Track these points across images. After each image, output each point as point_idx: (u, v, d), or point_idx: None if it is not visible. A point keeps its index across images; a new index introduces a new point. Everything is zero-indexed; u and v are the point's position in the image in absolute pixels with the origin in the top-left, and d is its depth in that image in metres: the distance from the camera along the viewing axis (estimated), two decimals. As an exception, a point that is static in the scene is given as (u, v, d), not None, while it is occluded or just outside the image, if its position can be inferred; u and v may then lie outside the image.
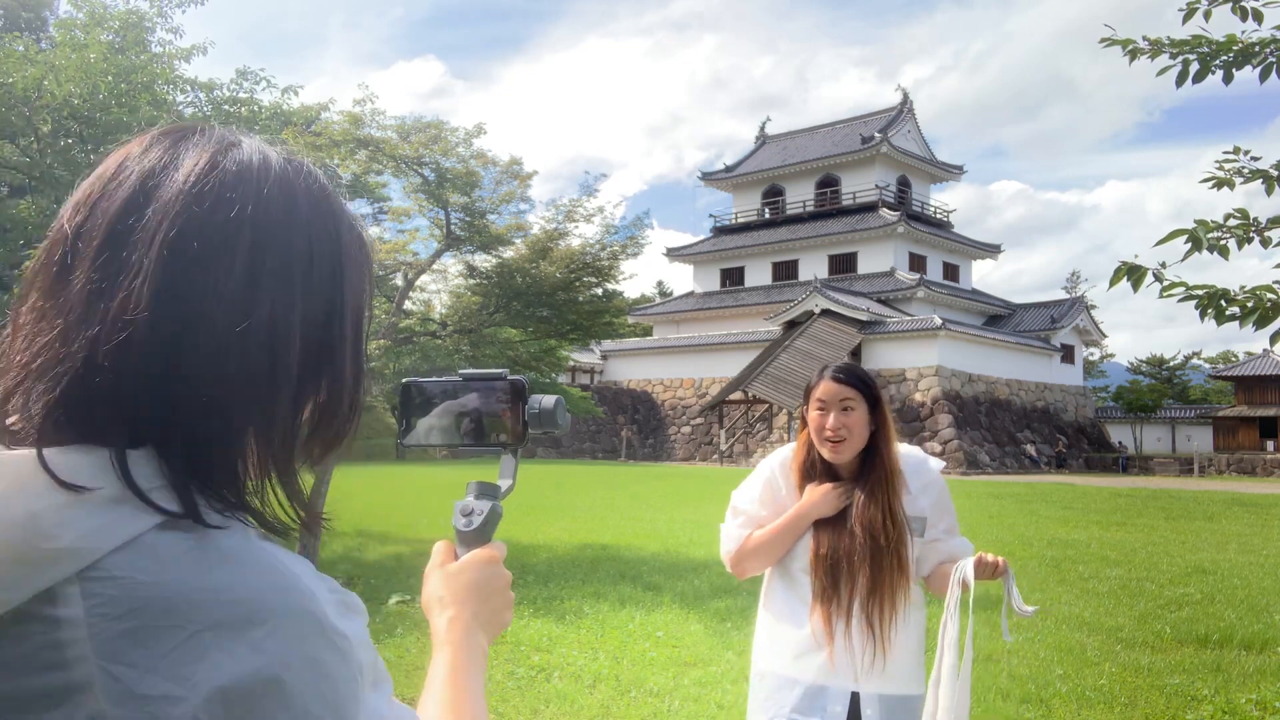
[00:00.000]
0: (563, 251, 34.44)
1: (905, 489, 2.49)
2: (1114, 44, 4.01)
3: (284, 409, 0.68)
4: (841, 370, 2.53)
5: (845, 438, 2.46)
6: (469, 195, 30.37)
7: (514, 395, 0.97)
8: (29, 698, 0.56)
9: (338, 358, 0.72)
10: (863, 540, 2.40)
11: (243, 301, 0.64)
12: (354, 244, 0.74)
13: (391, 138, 30.57)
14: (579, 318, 33.47)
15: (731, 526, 2.62)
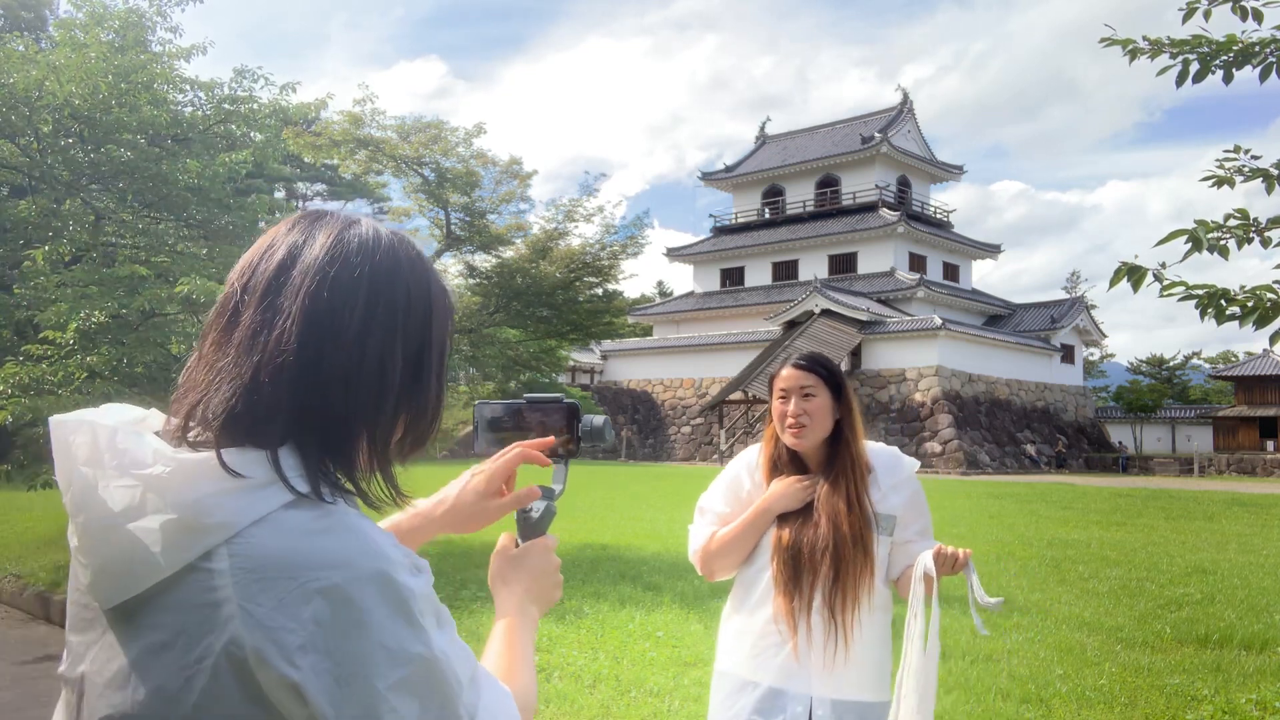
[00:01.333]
0: (563, 251, 34.42)
1: (875, 485, 2.44)
2: (1114, 44, 4.01)
3: (387, 417, 0.92)
4: (803, 357, 2.50)
5: (806, 424, 2.41)
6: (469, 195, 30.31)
7: (569, 415, 1.22)
8: (196, 623, 0.80)
9: (426, 379, 0.95)
10: (826, 530, 2.34)
11: (361, 337, 0.88)
12: (440, 294, 0.98)
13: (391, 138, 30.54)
14: (579, 317, 33.49)
15: (697, 526, 2.57)
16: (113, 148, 9.55)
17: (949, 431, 37.78)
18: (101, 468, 0.83)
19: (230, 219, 10.28)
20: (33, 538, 11.14)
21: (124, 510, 0.81)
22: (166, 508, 0.80)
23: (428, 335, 0.95)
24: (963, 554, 2.24)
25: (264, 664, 0.77)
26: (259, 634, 0.78)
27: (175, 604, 0.80)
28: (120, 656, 0.83)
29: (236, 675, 0.78)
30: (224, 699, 0.79)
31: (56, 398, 8.16)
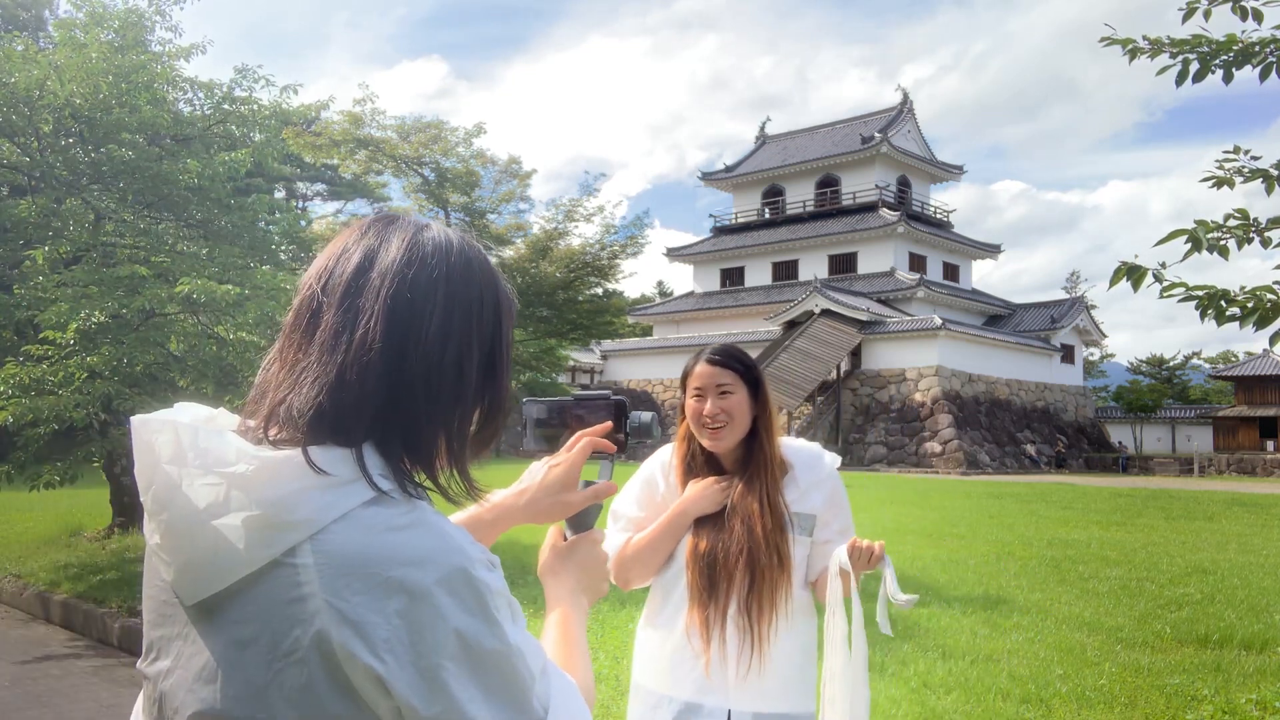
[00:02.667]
0: (563, 251, 34.48)
1: (793, 483, 2.33)
2: (1114, 43, 4.01)
3: (465, 414, 0.95)
4: (718, 352, 2.35)
5: (725, 424, 2.28)
6: (469, 195, 30.33)
7: (617, 411, 1.23)
8: (282, 617, 0.82)
9: (499, 375, 0.99)
10: (740, 534, 2.23)
11: (441, 337, 0.91)
12: (506, 295, 1.01)
13: (391, 138, 30.57)
14: (579, 317, 33.55)
15: (611, 533, 2.40)
16: (113, 147, 9.54)
17: (949, 431, 37.78)
18: (185, 466, 0.85)
19: (230, 219, 10.27)
20: (33, 538, 11.14)
21: (208, 507, 0.83)
22: (251, 504, 0.82)
23: (499, 333, 0.98)
24: (878, 546, 2.18)
25: (351, 657, 0.80)
26: (345, 628, 0.80)
27: (260, 599, 0.83)
28: (205, 652, 0.85)
29: (325, 668, 0.81)
30: (313, 692, 0.82)
31: (56, 398, 8.16)
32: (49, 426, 8.33)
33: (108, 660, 6.77)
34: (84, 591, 8.07)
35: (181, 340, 8.85)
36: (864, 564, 2.16)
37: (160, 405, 5.94)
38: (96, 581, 8.33)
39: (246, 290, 8.86)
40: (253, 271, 9.51)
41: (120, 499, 10.98)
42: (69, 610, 7.84)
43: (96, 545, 10.15)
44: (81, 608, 7.71)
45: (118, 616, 7.30)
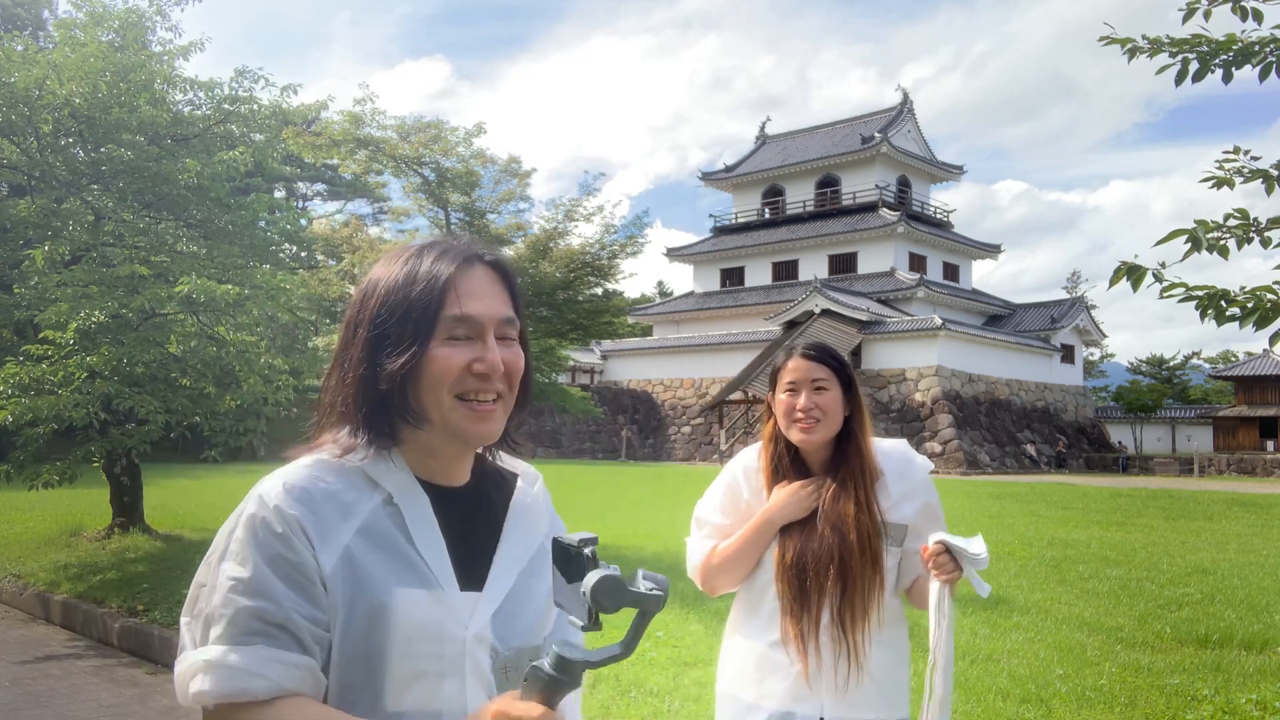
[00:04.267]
0: (563, 251, 34.46)
1: (884, 491, 2.24)
2: (1113, 43, 4.01)
3: (342, 386, 1.28)
4: (812, 347, 2.30)
5: (818, 419, 2.23)
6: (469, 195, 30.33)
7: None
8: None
9: (370, 348, 1.27)
10: (831, 540, 2.16)
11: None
12: (390, 281, 1.29)
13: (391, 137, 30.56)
14: (579, 317, 33.51)
15: (695, 540, 2.38)
16: (112, 147, 9.54)
17: (949, 431, 37.78)
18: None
19: (230, 219, 10.26)
20: (33, 538, 11.14)
21: None
22: None
23: (366, 314, 1.26)
24: (936, 544, 2.10)
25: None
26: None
27: None
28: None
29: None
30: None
31: (56, 398, 8.16)
32: (48, 426, 8.34)
33: (108, 660, 6.77)
34: (84, 591, 8.07)
35: (181, 340, 8.85)
36: (948, 569, 2.08)
37: (160, 405, 6.01)
38: (96, 581, 8.33)
39: (246, 290, 8.87)
40: (252, 271, 9.51)
41: (120, 499, 10.98)
42: (69, 610, 7.84)
43: (96, 545, 10.15)
44: (81, 608, 7.71)
45: (118, 616, 7.30)
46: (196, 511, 13.50)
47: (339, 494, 1.21)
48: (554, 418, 45.88)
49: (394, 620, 1.16)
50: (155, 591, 7.65)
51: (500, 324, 1.26)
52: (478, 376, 1.22)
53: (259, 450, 9.47)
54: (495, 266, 1.31)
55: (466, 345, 1.23)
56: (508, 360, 1.25)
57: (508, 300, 1.29)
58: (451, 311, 1.23)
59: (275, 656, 1.11)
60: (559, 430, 46.64)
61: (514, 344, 1.28)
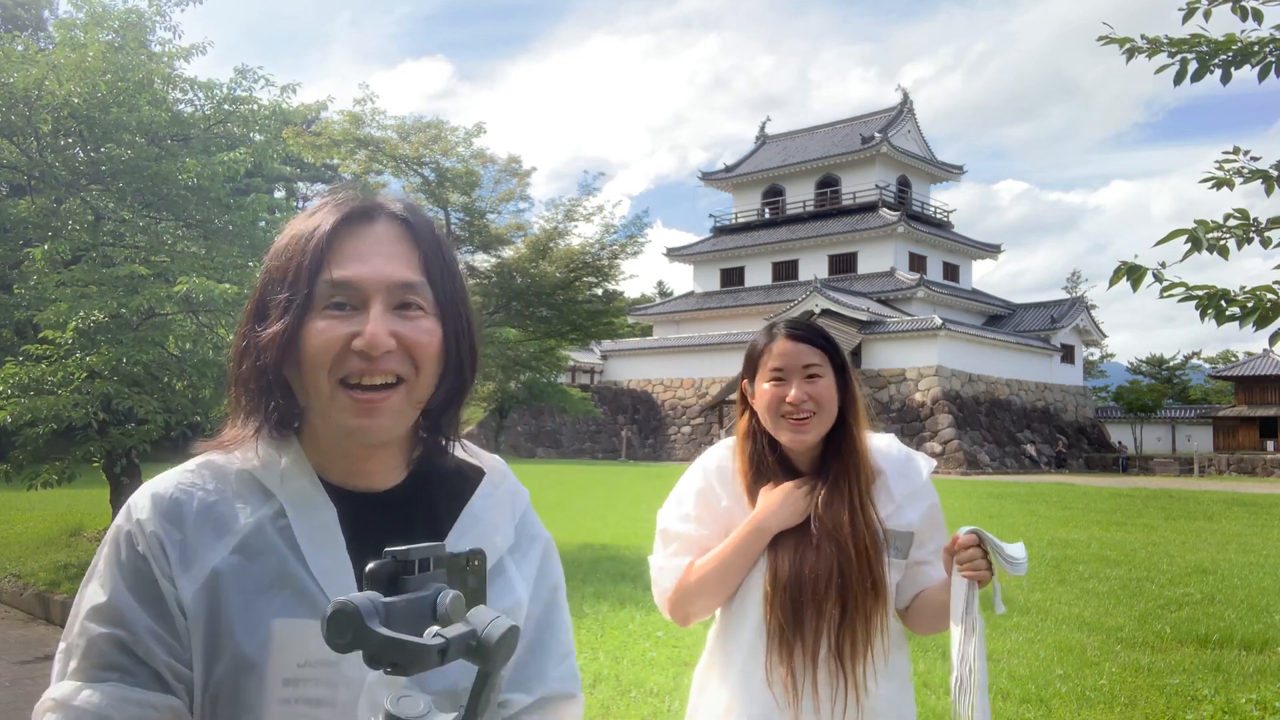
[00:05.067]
0: (563, 251, 34.47)
1: (885, 493, 1.91)
2: (1112, 42, 4.00)
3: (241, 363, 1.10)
4: (799, 326, 1.94)
5: (814, 412, 1.87)
6: (469, 195, 30.33)
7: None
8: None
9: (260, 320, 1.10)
10: (828, 552, 1.81)
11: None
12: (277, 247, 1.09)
13: (391, 138, 30.56)
14: (579, 318, 33.51)
15: (663, 558, 1.96)
16: (112, 147, 9.55)
17: (949, 431, 37.78)
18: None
19: (230, 219, 10.27)
20: (33, 538, 11.14)
21: None
22: None
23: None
24: (966, 535, 1.74)
25: None
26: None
27: None
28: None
29: None
30: None
31: (55, 397, 8.16)
32: (48, 426, 8.33)
33: (107, 660, 6.77)
34: (84, 591, 8.07)
35: (180, 340, 8.85)
36: (976, 565, 1.73)
37: (159, 405, 6.00)
38: (96, 581, 8.33)
39: (246, 290, 8.87)
40: (252, 271, 9.51)
41: (120, 499, 10.97)
42: (69, 610, 7.83)
43: (96, 545, 10.14)
44: (81, 608, 7.71)
45: (117, 616, 7.30)
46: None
47: (216, 505, 1.02)
48: (554, 418, 45.90)
49: (270, 659, 0.96)
50: (155, 591, 7.64)
51: (394, 289, 1.02)
52: (359, 355, 0.99)
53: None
54: (399, 220, 1.07)
55: (347, 317, 1.01)
56: (403, 334, 1.01)
57: (413, 261, 1.05)
58: (325, 275, 1.02)
59: (129, 696, 0.94)
60: (559, 430, 46.66)
61: (421, 315, 1.04)
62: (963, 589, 1.73)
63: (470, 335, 1.10)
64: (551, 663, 1.14)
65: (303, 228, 1.06)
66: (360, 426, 1.01)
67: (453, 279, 1.09)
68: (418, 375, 1.03)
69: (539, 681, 1.12)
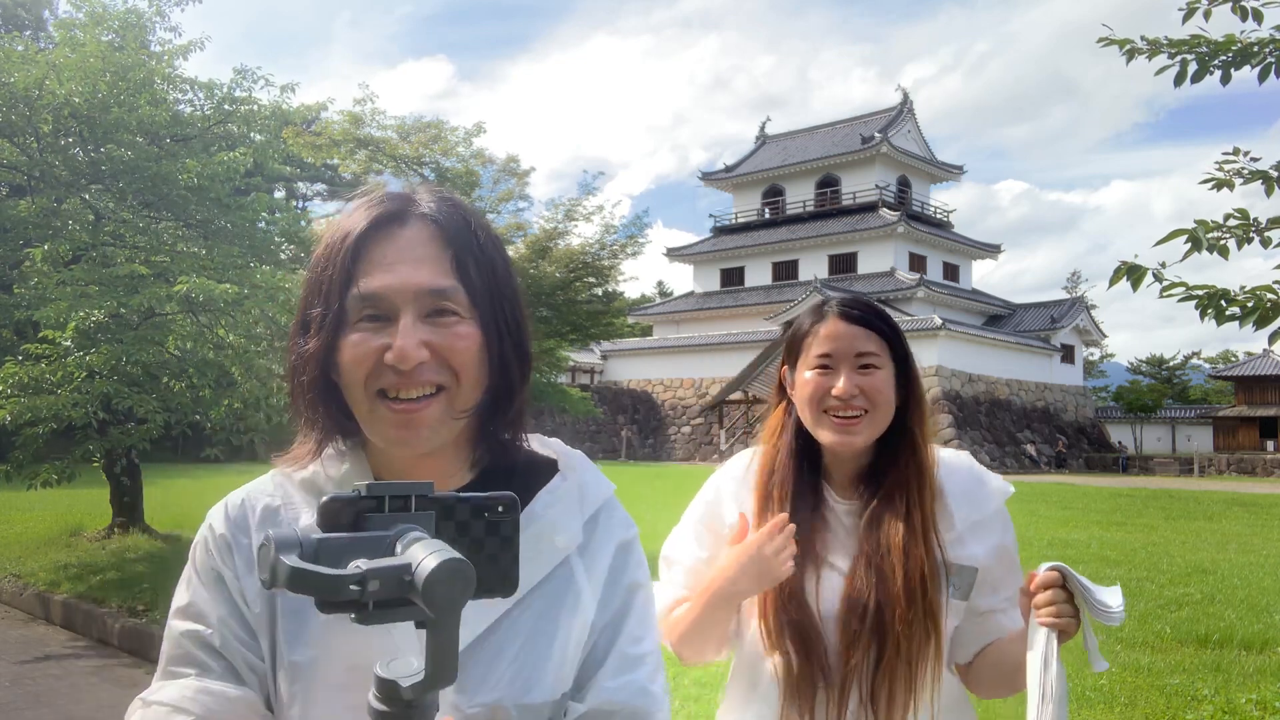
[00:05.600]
0: (562, 251, 34.41)
1: (946, 518, 1.55)
2: (1111, 44, 4.00)
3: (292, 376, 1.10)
4: (854, 305, 1.59)
5: (865, 410, 1.52)
6: (469, 194, 30.33)
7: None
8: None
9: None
10: (865, 581, 1.48)
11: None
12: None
13: (391, 138, 30.57)
14: (579, 318, 33.43)
15: (662, 581, 1.67)
16: (112, 147, 9.55)
17: (949, 431, 37.78)
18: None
19: (230, 219, 10.27)
20: (33, 538, 11.14)
21: None
22: None
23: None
24: (1048, 573, 1.38)
25: None
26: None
27: None
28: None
29: None
30: None
31: (55, 397, 8.16)
32: (47, 426, 8.34)
33: (108, 660, 6.77)
34: (84, 591, 8.07)
35: (180, 339, 8.85)
36: (1056, 611, 1.36)
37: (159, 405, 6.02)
38: (96, 581, 8.33)
39: (245, 290, 8.86)
40: (252, 271, 9.51)
41: (120, 499, 10.97)
42: (69, 610, 7.84)
43: (96, 545, 10.14)
44: (81, 608, 7.71)
45: (118, 617, 7.30)
46: (197, 511, 13.45)
47: (278, 511, 1.05)
48: (554, 418, 45.91)
49: (319, 664, 0.97)
50: (155, 591, 7.64)
51: (423, 297, 0.98)
52: (393, 368, 0.96)
53: (259, 450, 9.47)
54: (430, 220, 1.02)
55: (380, 329, 0.98)
56: (436, 344, 0.97)
57: (444, 264, 1.00)
58: (355, 289, 0.99)
59: (206, 688, 0.97)
60: (559, 430, 46.62)
61: (455, 320, 0.99)
62: (1041, 640, 1.38)
63: (518, 332, 1.05)
64: (609, 672, 1.04)
65: (335, 236, 1.03)
66: (400, 438, 0.99)
67: (492, 275, 1.05)
68: (459, 383, 0.99)
69: (593, 690, 1.03)
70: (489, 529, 0.74)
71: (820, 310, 1.61)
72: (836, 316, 1.58)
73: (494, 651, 1.00)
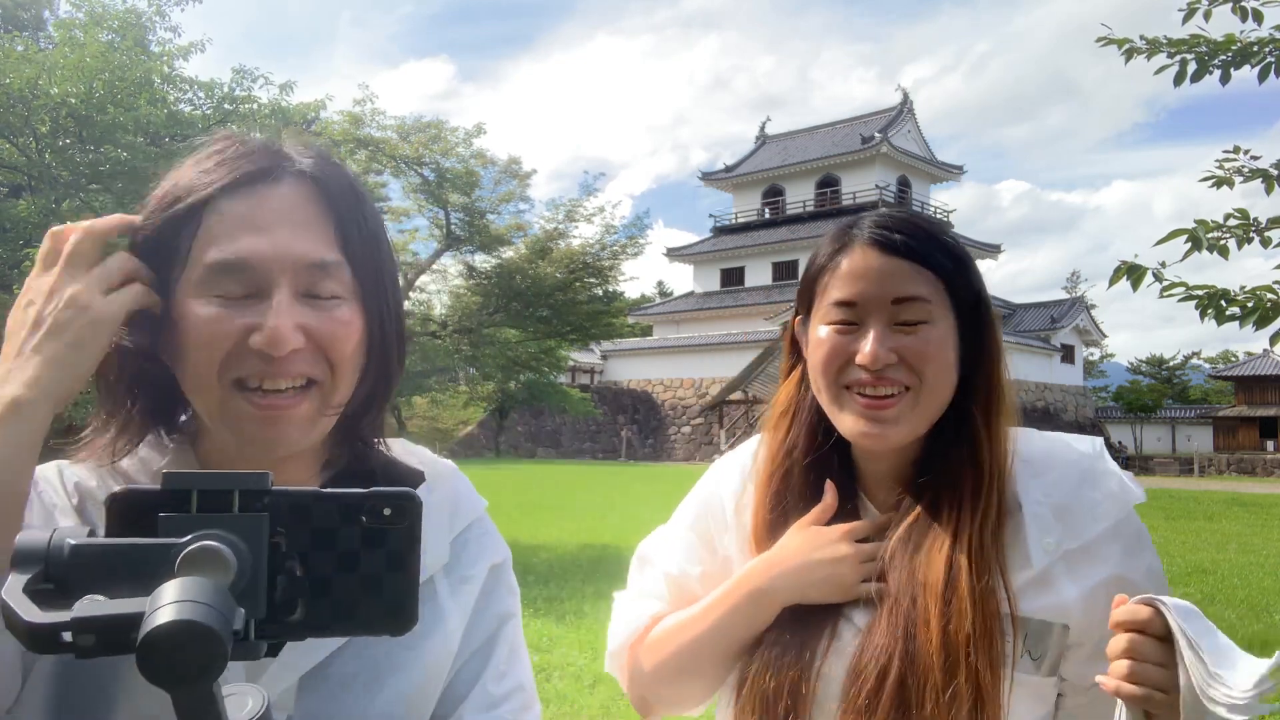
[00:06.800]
0: (563, 251, 34.53)
1: (1019, 547, 1.04)
2: (1111, 43, 4.01)
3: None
4: (896, 225, 1.07)
5: (906, 386, 1.05)
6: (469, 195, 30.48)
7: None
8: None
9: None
10: (888, 636, 1.01)
11: None
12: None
13: (391, 138, 30.67)
14: (579, 318, 33.52)
15: (626, 601, 1.24)
16: (110, 148, 9.56)
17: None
18: None
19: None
20: (32, 538, 11.14)
21: None
22: None
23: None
24: (1134, 606, 0.91)
25: None
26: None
27: None
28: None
29: None
30: None
31: (56, 398, 8.16)
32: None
33: (107, 660, 6.76)
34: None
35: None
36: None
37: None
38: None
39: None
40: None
41: (120, 499, 10.99)
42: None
43: (96, 545, 10.15)
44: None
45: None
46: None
47: (53, 510, 0.85)
48: (553, 418, 45.91)
49: (118, 704, 0.76)
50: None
51: (303, 272, 0.81)
52: (258, 355, 0.79)
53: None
54: (309, 178, 0.84)
55: (242, 305, 0.80)
56: (314, 328, 0.81)
57: (326, 233, 0.83)
58: (210, 254, 0.80)
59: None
60: (559, 430, 46.68)
61: (336, 302, 0.83)
62: (1116, 715, 0.92)
63: (397, 319, 0.89)
64: (471, 708, 0.90)
65: (179, 186, 0.83)
66: (263, 437, 0.81)
67: (376, 249, 0.87)
68: (333, 376, 0.83)
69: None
70: (368, 539, 0.52)
71: (846, 233, 1.10)
72: (867, 244, 1.06)
73: (338, 682, 0.83)
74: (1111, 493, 1.05)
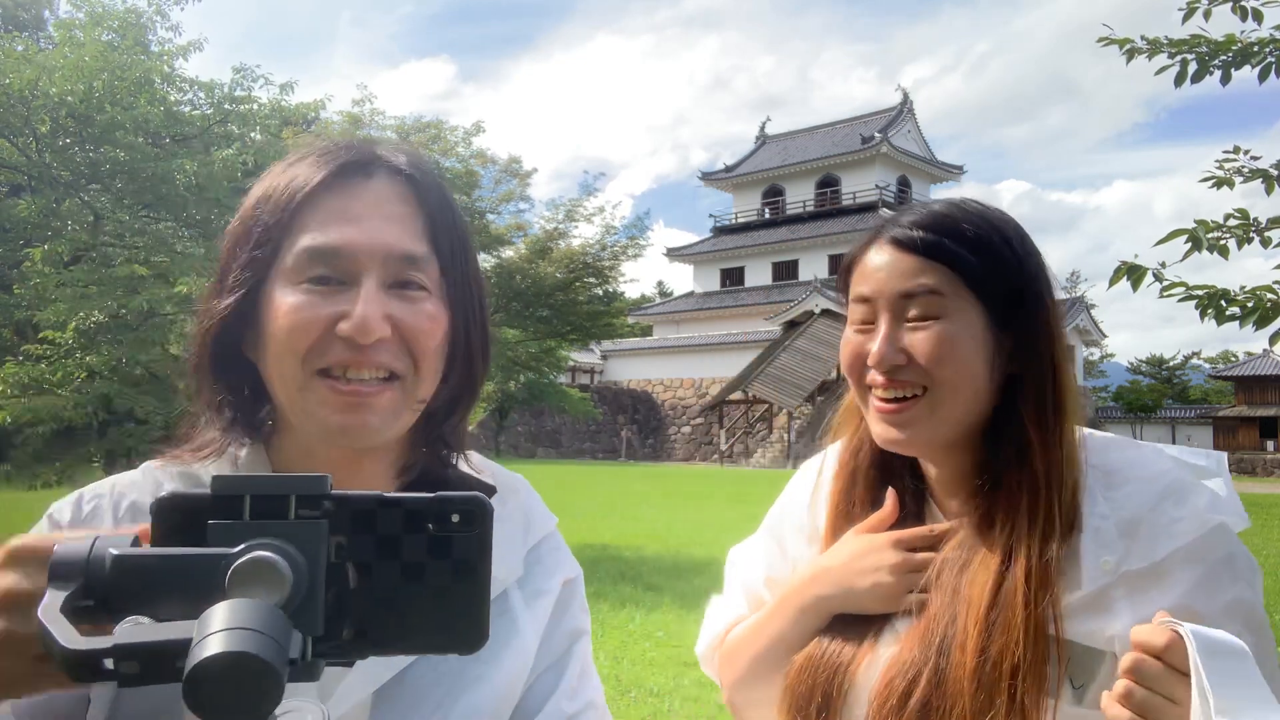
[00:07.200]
0: (563, 251, 34.54)
1: (1075, 562, 0.95)
2: (1111, 43, 4.01)
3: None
4: (920, 222, 1.04)
5: (926, 388, 1.00)
6: (468, 195, 30.47)
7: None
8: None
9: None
10: (919, 655, 0.96)
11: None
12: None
13: (391, 138, 30.63)
14: (579, 318, 33.52)
15: (723, 599, 1.25)
16: (109, 148, 9.57)
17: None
18: None
19: (229, 219, 10.28)
20: (32, 538, 11.15)
21: None
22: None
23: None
24: (1155, 630, 0.85)
25: None
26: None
27: None
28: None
29: None
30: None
31: (55, 397, 8.17)
32: (48, 426, 8.35)
33: (107, 660, 6.77)
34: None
35: (180, 340, 8.86)
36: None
37: (160, 405, 6.03)
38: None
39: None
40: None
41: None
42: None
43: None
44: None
45: (117, 616, 7.30)
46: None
47: (133, 521, 0.84)
48: (554, 418, 45.92)
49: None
50: (155, 592, 7.65)
51: (392, 262, 0.82)
52: (345, 342, 0.79)
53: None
54: (401, 175, 0.86)
55: (332, 293, 0.80)
56: (401, 320, 0.81)
57: (417, 228, 0.84)
58: (303, 241, 0.81)
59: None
60: (559, 430, 46.70)
61: (423, 296, 0.83)
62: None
63: (482, 327, 0.89)
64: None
65: (279, 182, 0.85)
66: (345, 424, 0.80)
67: (464, 253, 0.88)
68: (416, 371, 0.83)
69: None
70: (435, 548, 0.48)
71: (874, 229, 1.08)
72: (884, 239, 1.03)
73: (414, 697, 0.81)
74: (1197, 510, 0.98)
